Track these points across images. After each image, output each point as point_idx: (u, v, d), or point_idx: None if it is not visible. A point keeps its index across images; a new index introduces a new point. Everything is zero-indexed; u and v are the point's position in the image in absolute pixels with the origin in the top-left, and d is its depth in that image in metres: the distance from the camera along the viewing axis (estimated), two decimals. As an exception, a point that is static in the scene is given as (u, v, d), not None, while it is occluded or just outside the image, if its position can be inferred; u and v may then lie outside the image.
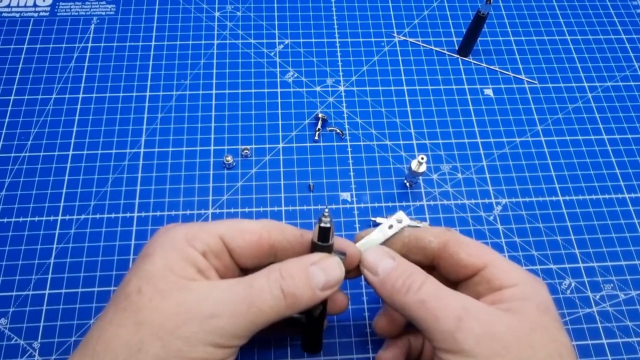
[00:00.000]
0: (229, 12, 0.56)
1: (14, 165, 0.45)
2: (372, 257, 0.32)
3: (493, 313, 0.28)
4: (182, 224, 0.31)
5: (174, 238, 0.29)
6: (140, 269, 0.28)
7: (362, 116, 0.50)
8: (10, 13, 0.54)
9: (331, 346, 0.39)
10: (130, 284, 0.27)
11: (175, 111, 0.49)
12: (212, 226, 0.30)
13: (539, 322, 0.28)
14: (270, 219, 0.33)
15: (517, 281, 0.30)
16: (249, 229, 0.30)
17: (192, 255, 0.28)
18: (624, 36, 0.56)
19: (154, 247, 0.29)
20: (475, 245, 0.32)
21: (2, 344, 0.38)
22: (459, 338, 0.27)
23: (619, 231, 0.44)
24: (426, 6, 0.57)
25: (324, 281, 0.29)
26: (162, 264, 0.28)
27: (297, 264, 0.29)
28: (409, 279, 0.30)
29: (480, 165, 0.47)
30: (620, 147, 0.49)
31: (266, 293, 0.27)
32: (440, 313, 0.28)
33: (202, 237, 0.29)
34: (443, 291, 0.29)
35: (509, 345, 0.26)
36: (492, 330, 0.27)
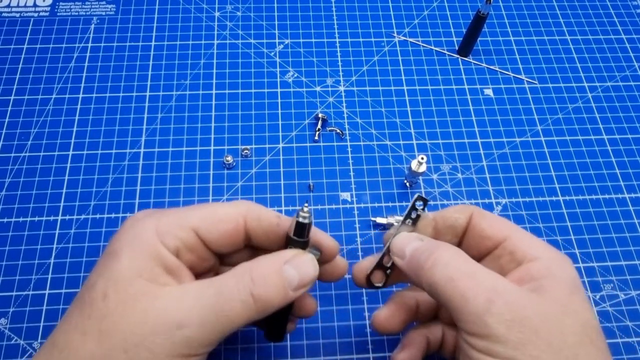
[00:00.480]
0: (229, 12, 0.56)
1: (14, 165, 0.45)
2: (399, 242, 0.31)
3: (524, 296, 0.26)
4: (152, 213, 0.29)
5: (143, 233, 0.27)
6: (106, 269, 0.26)
7: (362, 116, 0.50)
8: (10, 13, 0.54)
9: (331, 346, 0.39)
10: (95, 286, 0.26)
11: (175, 111, 0.49)
12: (184, 217, 0.28)
13: (568, 303, 0.26)
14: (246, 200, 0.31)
15: (540, 254, 0.29)
16: (223, 218, 0.29)
17: (162, 254, 0.27)
18: (624, 36, 0.56)
19: (120, 243, 0.27)
20: (498, 218, 0.32)
21: (2, 344, 0.38)
22: (489, 322, 0.25)
23: (619, 231, 0.44)
24: (426, 6, 0.57)
25: (297, 281, 0.28)
26: (129, 266, 0.26)
27: (270, 264, 0.28)
28: (436, 253, 0.28)
29: (480, 165, 0.47)
30: (620, 147, 0.49)
31: (236, 300, 0.26)
32: (470, 293, 0.26)
33: (174, 231, 0.27)
34: (473, 267, 0.28)
35: (539, 331, 0.25)
36: (523, 314, 0.25)
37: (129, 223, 0.28)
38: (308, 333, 0.39)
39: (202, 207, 0.29)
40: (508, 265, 0.30)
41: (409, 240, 0.31)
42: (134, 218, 0.28)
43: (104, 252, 0.28)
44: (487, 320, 0.25)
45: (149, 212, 0.29)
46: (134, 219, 0.28)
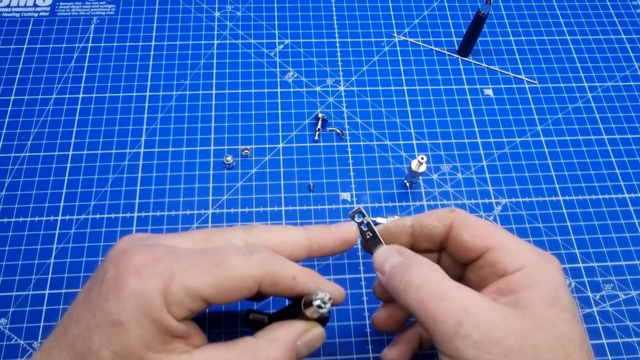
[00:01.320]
0: (229, 12, 0.56)
1: (14, 165, 0.45)
2: (379, 258, 0.31)
3: (495, 314, 0.26)
4: (154, 267, 0.25)
5: (149, 303, 0.25)
6: (112, 342, 0.24)
7: (362, 116, 0.50)
8: (10, 13, 0.54)
9: (331, 346, 0.39)
10: (101, 356, 0.24)
11: (175, 111, 0.49)
12: (194, 284, 0.25)
13: (545, 316, 0.26)
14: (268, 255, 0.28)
15: (524, 264, 0.28)
16: (238, 286, 0.26)
17: (170, 325, 0.25)
18: (624, 36, 0.56)
19: (125, 313, 0.24)
20: (481, 225, 0.30)
21: (2, 344, 0.38)
22: (457, 345, 0.26)
23: (619, 231, 0.44)
24: (426, 6, 0.57)
25: (305, 354, 0.29)
26: (138, 341, 0.24)
27: (285, 347, 0.27)
28: (408, 275, 0.28)
29: (480, 165, 0.47)
30: (620, 147, 0.49)
31: None
32: (438, 316, 0.26)
33: (183, 302, 0.25)
34: (444, 288, 0.27)
35: (510, 350, 0.25)
36: (492, 336, 0.25)
37: (133, 283, 0.25)
38: (308, 333, 0.39)
39: (214, 265, 0.26)
40: (490, 276, 0.29)
41: (389, 254, 0.31)
42: (136, 272, 0.25)
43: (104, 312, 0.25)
44: (456, 344, 0.26)
45: (150, 258, 0.26)
46: (137, 274, 0.25)
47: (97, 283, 0.26)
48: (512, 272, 0.28)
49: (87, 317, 0.25)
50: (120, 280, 0.25)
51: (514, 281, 0.28)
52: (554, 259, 0.29)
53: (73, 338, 0.25)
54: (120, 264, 0.26)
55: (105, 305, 0.25)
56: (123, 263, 0.26)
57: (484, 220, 0.31)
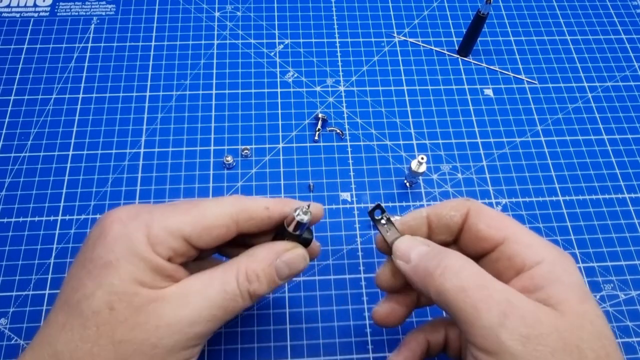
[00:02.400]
0: (229, 12, 0.56)
1: (14, 165, 0.45)
2: (404, 245, 0.30)
3: (538, 309, 0.25)
4: (137, 215, 0.28)
5: (135, 243, 0.26)
6: (104, 282, 0.26)
7: (362, 116, 0.50)
8: (10, 13, 0.54)
9: (331, 346, 0.39)
10: (95, 298, 0.26)
11: (175, 111, 0.49)
12: (174, 224, 0.27)
13: (582, 314, 0.25)
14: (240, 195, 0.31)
15: (542, 257, 0.27)
16: (215, 224, 0.28)
17: (158, 263, 0.27)
18: (624, 36, 0.56)
19: (113, 253, 0.26)
20: (496, 215, 0.29)
21: (2, 344, 0.38)
22: (503, 337, 0.24)
23: (619, 231, 0.44)
24: (426, 6, 0.57)
25: (287, 274, 0.30)
26: (130, 278, 0.26)
27: (264, 261, 0.29)
28: (446, 260, 0.27)
29: (480, 165, 0.47)
30: (620, 147, 0.49)
31: (237, 297, 0.28)
32: (482, 305, 0.24)
33: (166, 242, 0.27)
34: (486, 278, 0.26)
35: (555, 348, 0.23)
36: (539, 331, 0.24)
37: (117, 228, 0.27)
38: (308, 333, 0.39)
39: (190, 208, 0.29)
40: (507, 271, 0.28)
41: (414, 243, 0.30)
42: (119, 220, 0.27)
43: (92, 259, 0.27)
44: (501, 336, 0.24)
45: (132, 211, 0.28)
46: (120, 222, 0.27)
47: (84, 245, 0.28)
48: (530, 266, 0.27)
49: (78, 271, 0.27)
50: (104, 230, 0.27)
51: (537, 276, 0.26)
52: (568, 254, 0.28)
53: (66, 295, 0.27)
54: (103, 220, 0.28)
55: (93, 253, 0.27)
56: (106, 219, 0.28)
57: (498, 211, 0.30)
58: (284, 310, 0.40)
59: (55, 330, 0.26)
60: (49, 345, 0.26)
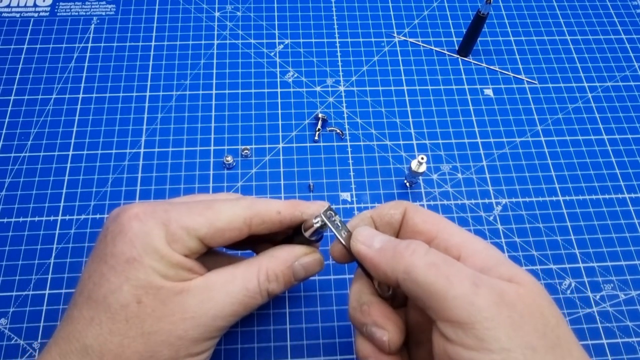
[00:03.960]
0: (229, 12, 0.56)
1: (14, 165, 0.45)
2: (367, 231, 0.30)
3: (501, 282, 0.26)
4: (153, 212, 0.29)
5: (154, 240, 0.28)
6: (130, 276, 0.27)
7: (362, 116, 0.50)
8: (10, 13, 0.54)
9: (331, 346, 0.39)
10: (123, 292, 0.27)
11: (175, 111, 0.49)
12: (189, 224, 0.29)
13: (535, 286, 0.26)
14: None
15: (476, 247, 0.28)
16: (229, 227, 0.30)
17: (178, 260, 0.28)
18: (624, 36, 0.56)
19: (135, 249, 0.27)
20: (430, 213, 0.31)
21: (2, 344, 0.38)
22: (478, 302, 0.24)
23: (619, 231, 0.44)
24: (426, 6, 0.57)
25: (302, 277, 0.32)
26: (154, 272, 0.27)
27: (283, 263, 0.31)
28: (414, 244, 0.28)
29: (480, 165, 0.47)
30: (620, 147, 0.49)
31: (257, 295, 0.30)
32: (454, 277, 0.25)
33: (181, 239, 0.28)
34: (451, 258, 0.27)
35: (523, 314, 0.24)
36: (507, 299, 0.25)
37: (136, 225, 0.28)
38: (308, 333, 0.39)
39: (205, 209, 0.30)
40: None
41: (374, 232, 0.30)
42: (137, 218, 0.28)
43: (115, 254, 0.28)
44: (477, 301, 0.24)
45: (148, 208, 0.29)
46: (138, 219, 0.28)
47: (101, 241, 0.29)
48: (467, 255, 0.28)
49: (99, 267, 0.28)
50: (124, 227, 0.28)
51: (480, 260, 0.27)
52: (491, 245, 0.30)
53: (89, 291, 0.28)
54: (120, 217, 0.29)
55: (115, 249, 0.28)
56: (123, 215, 0.29)
57: (431, 211, 0.32)
58: (284, 310, 0.40)
59: (82, 325, 0.27)
60: (77, 340, 0.27)
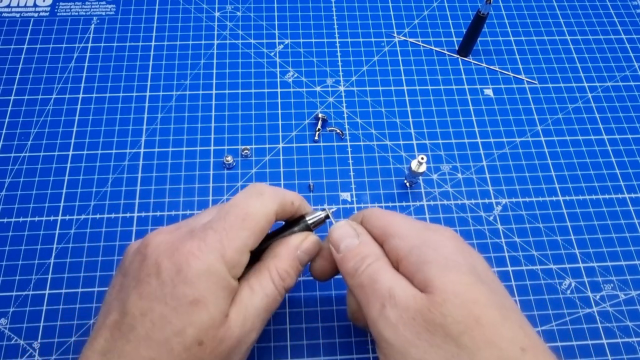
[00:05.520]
0: (229, 12, 0.56)
1: (14, 165, 0.45)
2: (337, 233, 0.32)
3: (409, 296, 0.27)
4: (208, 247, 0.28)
5: (217, 275, 0.28)
6: (194, 320, 0.27)
7: (362, 116, 0.50)
8: (10, 13, 0.54)
9: (331, 346, 0.39)
10: (187, 336, 0.27)
11: (175, 111, 0.49)
12: (241, 242, 0.29)
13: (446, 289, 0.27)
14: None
15: (412, 244, 0.29)
16: (266, 226, 0.31)
17: (234, 286, 0.29)
18: (624, 36, 0.56)
19: (198, 290, 0.27)
20: (381, 216, 0.32)
21: (2, 344, 0.38)
22: (379, 327, 0.28)
23: (619, 231, 0.44)
24: (426, 6, 0.57)
25: (306, 261, 0.33)
26: (217, 312, 0.28)
27: (288, 259, 0.32)
28: (360, 262, 0.30)
29: (480, 165, 0.47)
30: (620, 147, 0.49)
31: (277, 296, 0.31)
32: (370, 298, 0.29)
33: (239, 262, 0.29)
34: (380, 274, 0.29)
35: (420, 331, 0.26)
36: (407, 317, 0.27)
37: (195, 264, 0.28)
38: (308, 333, 0.39)
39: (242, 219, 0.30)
40: (394, 263, 0.30)
41: (345, 234, 0.32)
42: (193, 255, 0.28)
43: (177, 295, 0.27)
44: (379, 326, 0.28)
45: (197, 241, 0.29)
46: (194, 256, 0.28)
47: (154, 278, 0.28)
48: (404, 256, 0.29)
49: (157, 307, 0.27)
50: (182, 267, 0.28)
51: (410, 264, 0.29)
52: (444, 228, 0.31)
53: (146, 330, 0.27)
54: (173, 256, 0.28)
55: (175, 291, 0.27)
56: (176, 255, 0.28)
57: (387, 211, 0.33)
58: (284, 310, 0.40)
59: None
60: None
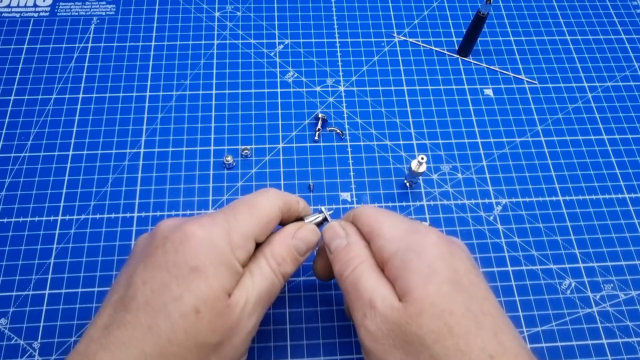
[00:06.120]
0: (229, 12, 0.56)
1: (14, 165, 0.45)
2: (327, 234, 0.33)
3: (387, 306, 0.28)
4: (216, 224, 0.29)
5: (220, 249, 0.28)
6: (192, 287, 0.27)
7: (362, 116, 0.50)
8: (10, 13, 0.54)
9: (331, 346, 0.39)
10: (184, 301, 0.27)
11: (175, 111, 0.49)
12: (247, 228, 0.30)
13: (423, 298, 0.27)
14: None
15: (396, 247, 0.29)
16: (272, 218, 0.31)
17: (238, 271, 0.29)
18: (624, 36, 0.56)
19: (201, 260, 0.28)
20: (369, 214, 0.32)
21: (2, 344, 0.38)
22: (361, 335, 0.28)
23: (619, 231, 0.44)
24: (426, 6, 0.57)
25: (304, 249, 0.33)
26: (218, 286, 0.28)
27: (283, 245, 0.32)
28: (345, 265, 0.31)
29: (480, 165, 0.47)
30: (620, 147, 0.49)
31: (276, 282, 0.31)
32: (355, 305, 0.29)
33: (243, 245, 0.30)
34: (362, 280, 0.29)
35: (395, 342, 0.27)
36: (385, 328, 0.27)
37: (200, 234, 0.28)
38: (308, 333, 0.39)
39: (249, 209, 0.31)
40: (380, 264, 0.30)
41: (335, 235, 0.33)
42: (201, 226, 0.29)
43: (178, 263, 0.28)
44: (360, 334, 0.28)
45: (208, 220, 0.30)
46: (202, 227, 0.29)
47: (159, 249, 0.29)
48: (387, 259, 0.29)
49: (159, 275, 0.28)
50: (187, 237, 0.28)
51: (393, 268, 0.29)
52: (430, 232, 0.30)
53: (146, 297, 0.27)
54: (179, 229, 0.29)
55: (177, 258, 0.28)
56: (182, 227, 0.29)
57: (376, 209, 0.33)
58: (284, 310, 0.40)
59: (140, 333, 0.27)
60: (135, 347, 0.26)
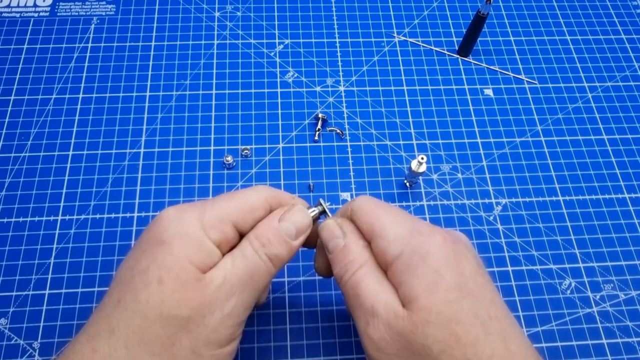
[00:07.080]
0: (229, 12, 0.56)
1: (14, 165, 0.45)
2: (324, 233, 0.32)
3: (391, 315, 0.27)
4: (192, 206, 0.30)
5: (189, 226, 0.28)
6: (157, 257, 0.27)
7: (362, 116, 0.50)
8: (10, 13, 0.54)
9: (331, 346, 0.39)
10: (148, 272, 0.27)
11: (175, 111, 0.49)
12: (224, 211, 0.30)
13: (429, 306, 0.26)
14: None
15: (400, 250, 0.28)
16: (256, 206, 0.31)
17: (209, 248, 0.29)
18: (624, 36, 0.56)
19: (168, 233, 0.28)
20: (369, 209, 0.31)
21: (2, 344, 0.38)
22: (365, 343, 0.28)
23: (619, 231, 0.44)
24: (426, 6, 0.57)
25: (294, 231, 0.31)
26: (181, 256, 0.27)
27: (267, 227, 0.30)
28: (344, 269, 0.30)
29: (480, 165, 0.47)
30: (620, 147, 0.49)
31: (259, 262, 0.29)
32: (356, 312, 0.29)
33: (217, 225, 0.29)
34: (363, 285, 0.28)
35: (400, 352, 0.26)
36: (389, 337, 0.27)
37: (173, 214, 0.29)
38: (308, 333, 0.39)
39: (232, 196, 0.31)
40: (382, 266, 0.29)
41: (332, 234, 0.31)
42: (175, 209, 0.29)
43: (146, 237, 0.29)
44: (364, 342, 0.28)
45: (188, 204, 0.30)
46: (177, 209, 0.29)
47: (141, 234, 0.30)
48: (391, 262, 0.28)
49: (134, 254, 0.29)
50: (161, 216, 0.29)
51: (397, 273, 0.28)
52: (434, 232, 0.29)
53: (121, 275, 0.28)
54: (158, 215, 0.29)
55: (148, 234, 0.29)
56: (160, 213, 0.29)
57: (375, 203, 0.31)
58: (284, 310, 0.40)
59: (110, 308, 0.27)
60: (105, 322, 0.27)
